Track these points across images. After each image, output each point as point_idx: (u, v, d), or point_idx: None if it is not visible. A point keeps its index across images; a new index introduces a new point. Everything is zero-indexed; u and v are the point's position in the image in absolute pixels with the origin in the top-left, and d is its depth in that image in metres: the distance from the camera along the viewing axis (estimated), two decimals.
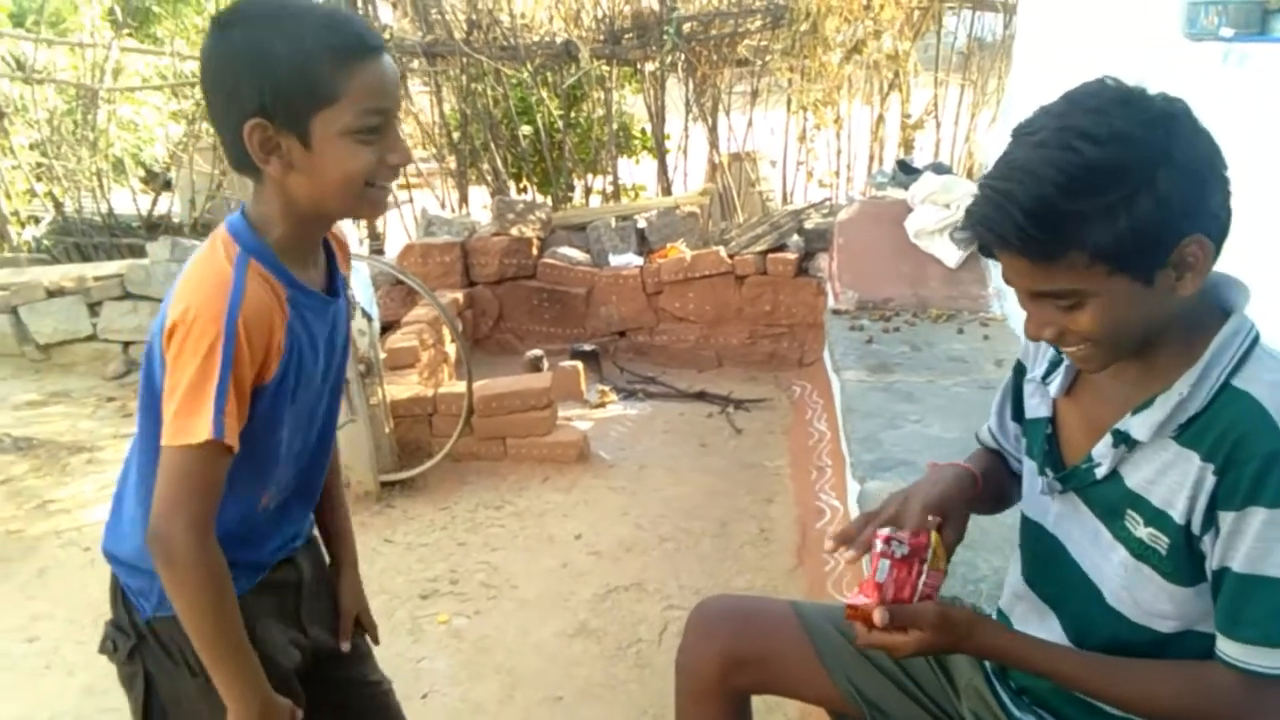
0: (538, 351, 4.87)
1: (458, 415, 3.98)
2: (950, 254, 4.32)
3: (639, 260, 5.40)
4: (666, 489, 3.84)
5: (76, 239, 6.85)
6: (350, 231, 5.58)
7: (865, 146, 5.91)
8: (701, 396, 4.82)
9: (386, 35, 5.75)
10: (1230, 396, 1.03)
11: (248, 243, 1.18)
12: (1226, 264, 1.06)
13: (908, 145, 5.78)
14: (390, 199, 1.28)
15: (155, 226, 6.85)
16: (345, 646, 1.55)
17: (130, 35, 9.35)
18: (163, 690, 1.32)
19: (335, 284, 1.35)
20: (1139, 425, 1.09)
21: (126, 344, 5.61)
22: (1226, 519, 1.01)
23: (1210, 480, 1.02)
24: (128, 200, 7.08)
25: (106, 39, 6.87)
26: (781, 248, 5.18)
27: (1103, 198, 0.93)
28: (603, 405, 4.74)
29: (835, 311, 4.30)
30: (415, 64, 5.86)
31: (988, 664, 1.41)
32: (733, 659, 1.53)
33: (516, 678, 2.67)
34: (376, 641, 1.71)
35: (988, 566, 1.99)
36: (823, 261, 5.05)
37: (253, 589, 1.32)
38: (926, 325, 4.04)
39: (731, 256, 5.17)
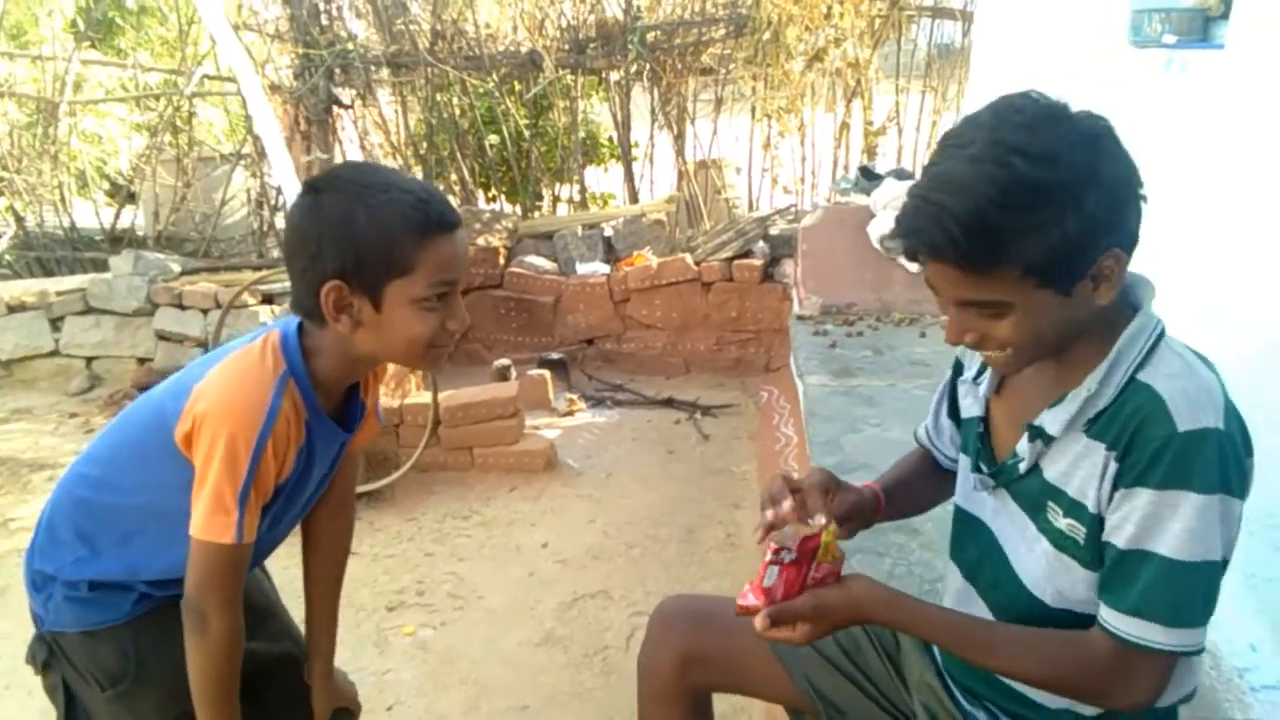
0: (505, 361, 4.87)
1: (424, 426, 3.97)
2: None
3: (606, 268, 5.42)
4: (634, 496, 3.86)
5: (39, 253, 6.75)
6: None
7: (829, 153, 5.97)
8: (669, 403, 4.84)
9: (350, 46, 5.75)
10: (1134, 390, 1.07)
11: (294, 363, 1.25)
12: (1167, 260, 1.09)
13: (870, 151, 5.85)
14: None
15: (119, 240, 6.78)
16: None
17: (92, 47, 9.26)
18: (82, 702, 1.37)
19: (352, 415, 1.42)
20: (1051, 421, 1.13)
21: (89, 359, 5.55)
22: (1116, 497, 1.06)
23: (1113, 466, 1.06)
24: (90, 214, 7.00)
25: (68, 51, 6.80)
26: (747, 254, 5.22)
27: (1036, 214, 0.96)
28: (571, 414, 4.75)
29: (799, 317, 4.33)
30: (382, 74, 5.84)
31: (938, 658, 1.43)
32: (691, 658, 1.55)
33: (482, 688, 2.66)
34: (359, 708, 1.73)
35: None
36: (788, 267, 5.09)
37: (171, 607, 1.33)
38: (889, 329, 4.08)
39: (698, 263, 5.20)
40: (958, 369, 1.42)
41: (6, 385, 5.54)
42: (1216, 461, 1.00)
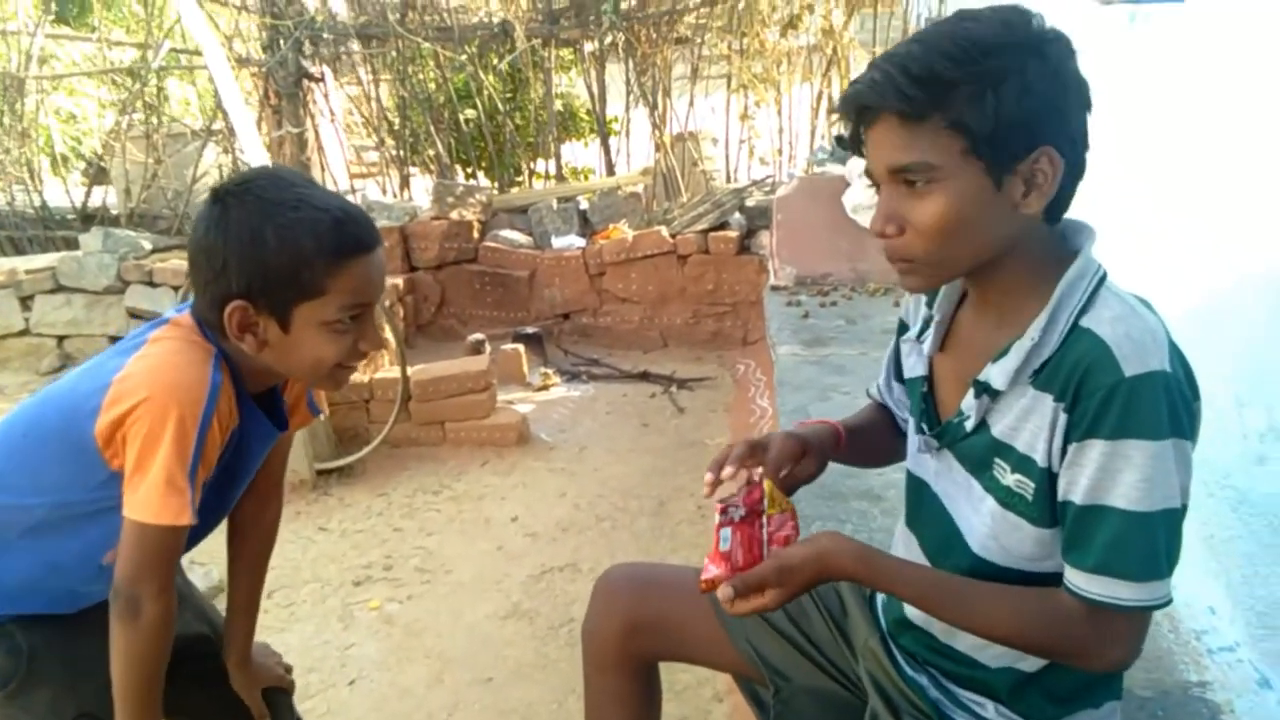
0: (479, 336, 4.83)
1: (394, 400, 3.93)
2: None
3: (581, 242, 5.36)
4: (606, 469, 3.83)
5: (9, 232, 6.67)
6: None
7: (807, 124, 5.91)
8: (645, 377, 4.80)
9: (320, 18, 5.65)
10: (1077, 336, 1.03)
11: (218, 346, 1.20)
12: (1129, 205, 1.06)
13: None
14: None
15: (91, 218, 6.68)
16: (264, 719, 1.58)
17: (66, 25, 9.11)
18: None
19: (277, 413, 1.37)
20: (997, 374, 1.09)
21: (60, 338, 5.49)
22: (1069, 451, 1.02)
23: (1062, 419, 1.03)
24: (63, 193, 6.91)
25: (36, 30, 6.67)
26: (723, 226, 5.17)
27: (976, 68, 0.96)
28: (545, 388, 4.71)
29: (774, 288, 4.30)
30: (352, 46, 5.74)
31: (884, 624, 1.40)
32: (635, 625, 1.52)
33: (446, 661, 2.64)
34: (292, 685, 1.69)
35: None
36: (764, 239, 5.04)
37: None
38: (863, 299, 4.06)
39: (674, 236, 5.15)
40: (902, 328, 1.38)
41: None
42: (1165, 405, 0.97)
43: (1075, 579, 1.03)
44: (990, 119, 0.97)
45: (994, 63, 0.97)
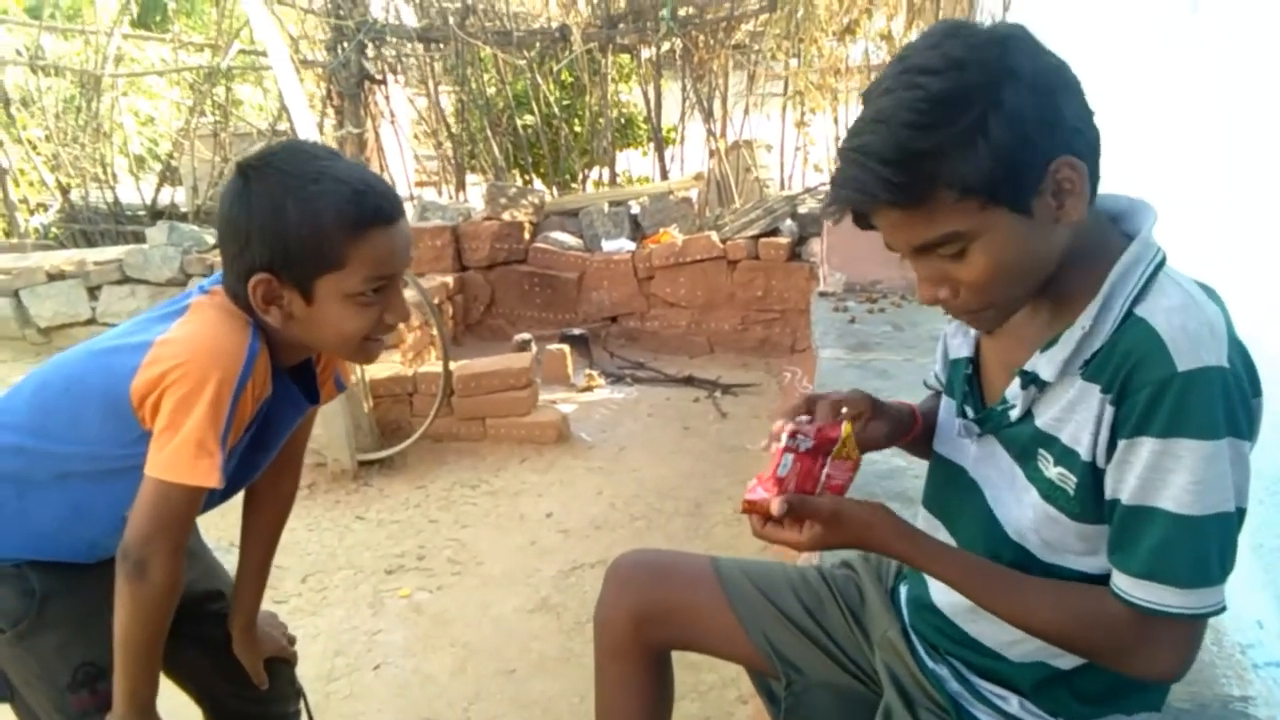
0: (525, 335, 4.84)
1: (436, 395, 3.95)
2: None
3: (631, 245, 5.35)
4: (644, 470, 3.80)
5: (82, 226, 6.92)
6: None
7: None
8: (689, 381, 4.76)
9: (382, 20, 5.75)
10: (1130, 325, 0.97)
11: (255, 319, 1.21)
12: (1195, 192, 1.00)
13: None
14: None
15: (160, 214, 6.90)
16: (263, 687, 1.58)
17: (145, 29, 9.44)
18: None
19: (309, 386, 1.38)
20: (1045, 364, 1.04)
21: None
22: (1119, 448, 0.96)
23: (1109, 412, 0.97)
24: (134, 190, 7.14)
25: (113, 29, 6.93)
26: (775, 232, 5.12)
27: (954, 126, 0.89)
28: (589, 389, 4.70)
29: (822, 294, 4.24)
30: (409, 49, 5.84)
31: (906, 616, 1.35)
32: (647, 614, 1.48)
33: (471, 651, 2.63)
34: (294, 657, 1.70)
35: None
36: (816, 246, 4.98)
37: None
38: (913, 307, 3.97)
39: (724, 241, 5.11)
40: None
41: (46, 351, 5.66)
42: (1222, 402, 0.90)
43: (1121, 582, 0.97)
44: (990, 165, 0.89)
45: (967, 113, 0.89)
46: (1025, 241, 0.95)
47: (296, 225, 1.11)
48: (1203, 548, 0.92)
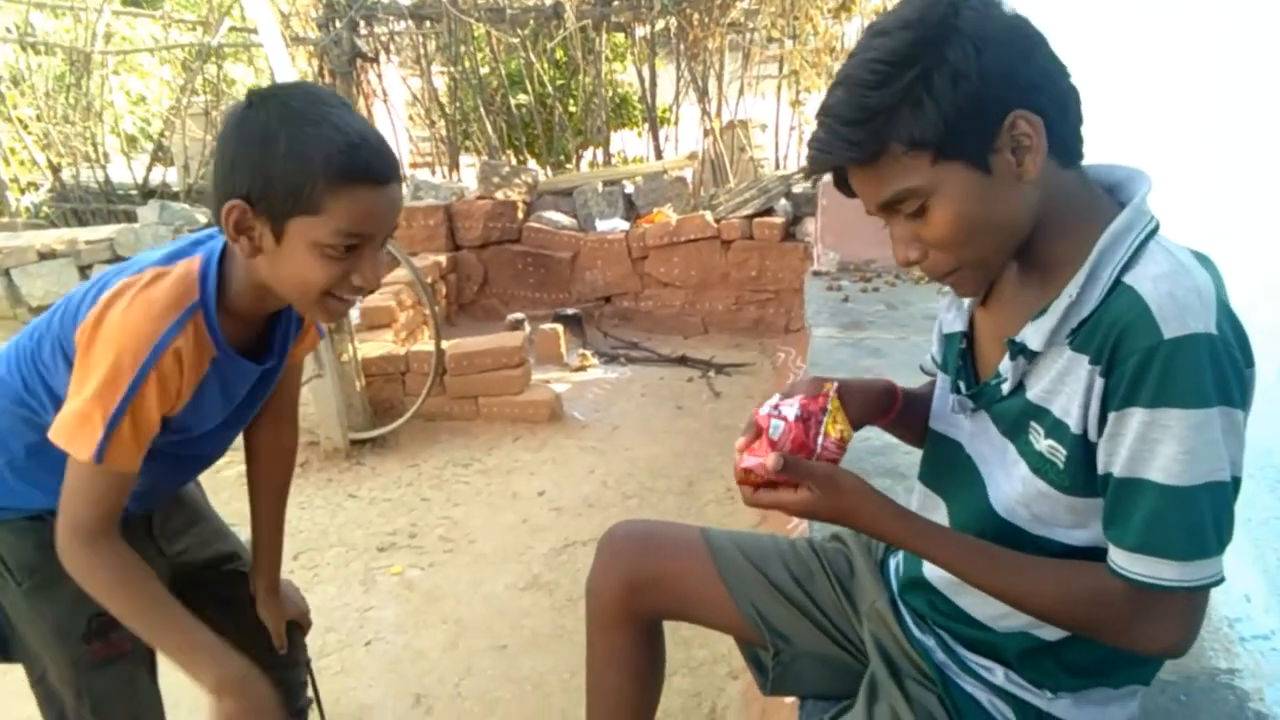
0: (519, 315, 4.83)
1: (429, 374, 3.94)
2: None
3: (625, 225, 5.33)
4: (637, 449, 3.79)
5: (74, 205, 6.87)
6: None
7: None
8: (683, 361, 4.76)
9: None
10: (1118, 293, 0.96)
11: (206, 295, 1.19)
12: (1189, 163, 0.99)
13: None
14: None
15: (151, 193, 6.85)
16: (282, 650, 1.60)
17: (138, 7, 9.35)
18: (3, 607, 1.34)
19: (271, 345, 1.36)
20: (1033, 334, 1.03)
21: None
22: (1109, 421, 0.95)
23: (1099, 383, 0.96)
24: (125, 169, 7.09)
25: (101, 4, 6.85)
26: (769, 212, 5.10)
27: (900, 80, 0.91)
28: (583, 369, 4.69)
29: (816, 273, 4.23)
30: (402, 26, 5.79)
31: (894, 586, 1.35)
32: (638, 582, 1.48)
33: (463, 627, 2.63)
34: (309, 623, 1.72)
35: None
36: (810, 226, 4.96)
37: None
38: (906, 286, 3.96)
39: (718, 221, 5.09)
40: None
41: None
42: (1210, 370, 0.89)
43: (1117, 557, 0.96)
44: (938, 121, 0.92)
45: (911, 69, 0.91)
46: (985, 199, 0.96)
47: (283, 160, 1.09)
48: (1196, 518, 0.91)
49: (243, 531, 1.63)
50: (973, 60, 0.91)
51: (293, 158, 1.09)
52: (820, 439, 1.08)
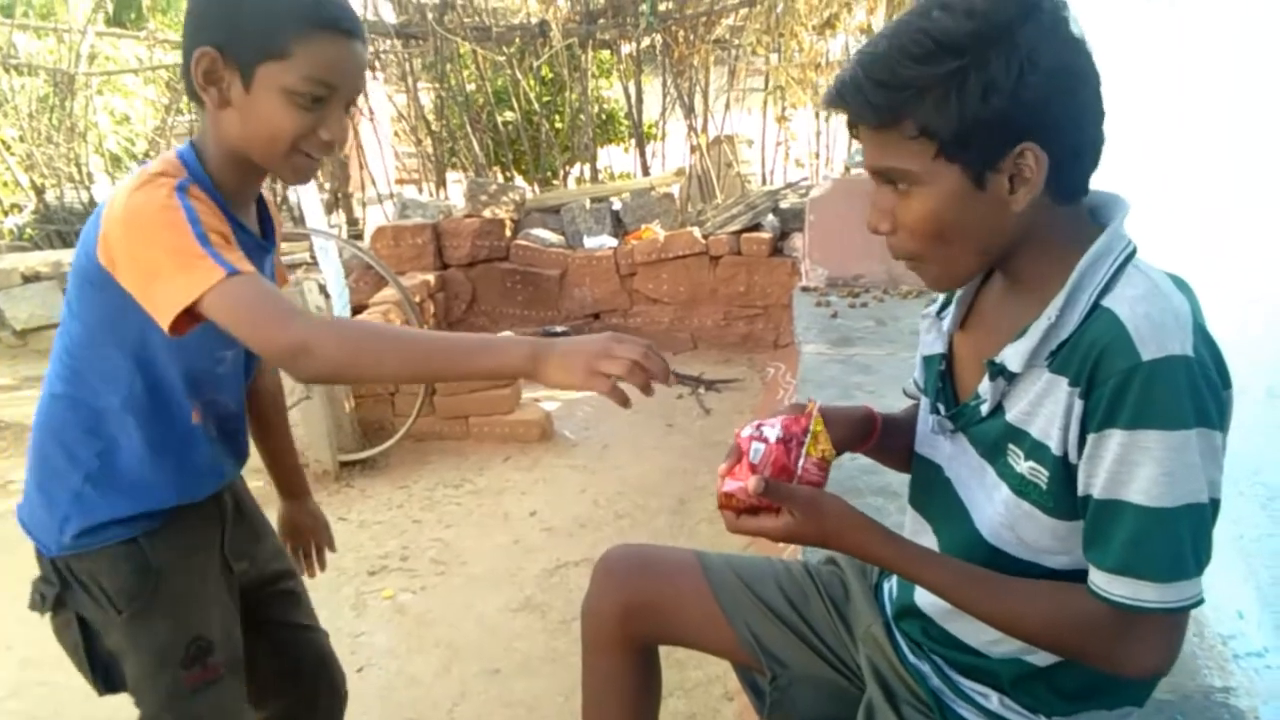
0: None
1: (418, 394, 3.93)
2: None
3: (613, 242, 5.34)
4: (627, 467, 3.79)
5: (58, 227, 6.83)
6: (330, 220, 5.56)
7: (845, 126, 5.83)
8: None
9: (361, 14, 5.70)
10: (1096, 316, 0.97)
11: (194, 170, 1.18)
12: (1164, 184, 1.00)
13: None
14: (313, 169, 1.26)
15: None
16: (316, 573, 1.72)
17: (120, 27, 9.33)
18: (100, 635, 1.30)
19: (268, 234, 1.37)
20: (1012, 356, 1.03)
21: None
22: (1088, 443, 0.96)
23: (1078, 405, 0.96)
24: (110, 190, 7.05)
25: (86, 27, 6.84)
26: (757, 228, 5.12)
27: (939, 65, 0.91)
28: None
29: (804, 289, 4.24)
30: (388, 45, 5.80)
31: (889, 611, 1.35)
32: (634, 607, 1.47)
33: (456, 651, 2.62)
34: (315, 570, 1.77)
35: None
36: (798, 241, 4.98)
37: (182, 520, 1.30)
38: (895, 301, 3.98)
39: (706, 237, 5.10)
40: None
41: (21, 354, 5.60)
42: (1188, 392, 0.90)
43: (1097, 579, 0.96)
44: (955, 121, 0.92)
45: (956, 61, 0.91)
46: (966, 209, 0.97)
47: (252, 6, 1.11)
48: (1176, 540, 0.92)
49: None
50: (1013, 79, 0.90)
51: (262, 3, 1.11)
52: (801, 461, 1.08)
